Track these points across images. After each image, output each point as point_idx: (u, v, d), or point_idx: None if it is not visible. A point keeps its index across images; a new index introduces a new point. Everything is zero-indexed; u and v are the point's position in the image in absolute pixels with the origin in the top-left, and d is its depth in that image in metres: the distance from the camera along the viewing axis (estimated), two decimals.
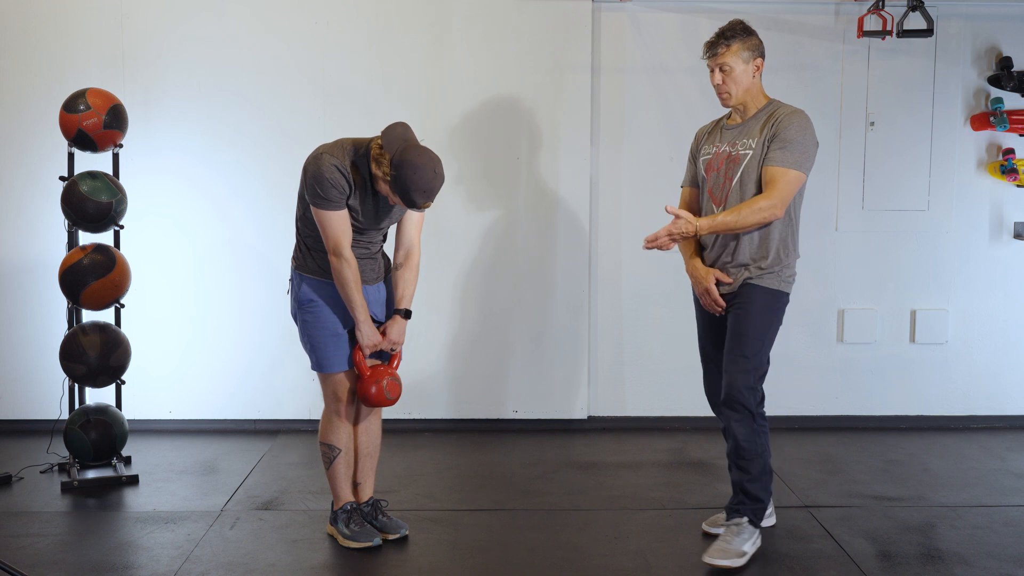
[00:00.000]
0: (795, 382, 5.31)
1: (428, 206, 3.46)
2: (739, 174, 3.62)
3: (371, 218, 3.62)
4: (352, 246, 3.56)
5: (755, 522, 3.64)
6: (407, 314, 3.74)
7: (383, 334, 3.70)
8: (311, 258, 3.66)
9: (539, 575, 3.54)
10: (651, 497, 4.29)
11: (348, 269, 3.52)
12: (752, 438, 3.59)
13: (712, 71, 3.64)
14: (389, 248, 3.83)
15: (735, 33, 3.62)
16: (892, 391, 5.34)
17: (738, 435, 3.59)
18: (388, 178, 3.40)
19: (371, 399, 3.67)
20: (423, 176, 3.35)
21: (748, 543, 3.59)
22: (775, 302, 3.65)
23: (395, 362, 3.78)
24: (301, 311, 3.71)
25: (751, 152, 3.60)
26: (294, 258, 3.74)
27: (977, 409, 5.36)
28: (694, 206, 3.84)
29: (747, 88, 3.64)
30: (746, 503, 3.64)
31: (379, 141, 3.43)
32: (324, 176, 3.44)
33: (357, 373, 3.70)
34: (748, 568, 3.57)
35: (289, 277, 3.79)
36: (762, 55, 3.66)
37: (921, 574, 3.53)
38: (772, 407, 5.26)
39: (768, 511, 3.73)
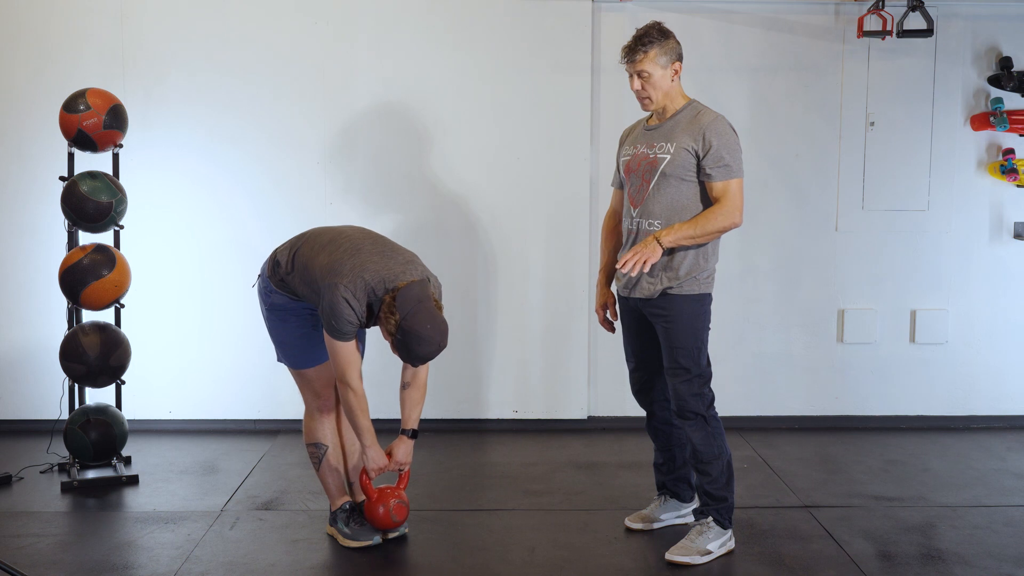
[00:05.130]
0: (795, 382, 5.32)
1: None
2: (656, 178, 3.60)
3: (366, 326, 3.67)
4: None
5: (722, 522, 3.66)
6: (414, 434, 3.72)
7: (389, 455, 3.68)
8: (286, 283, 3.62)
9: (539, 575, 3.55)
10: (651, 497, 4.27)
11: (355, 398, 3.52)
12: (708, 441, 3.62)
13: (631, 77, 3.62)
14: None
15: (652, 38, 3.58)
16: (892, 391, 5.34)
17: (694, 440, 3.63)
18: (391, 337, 3.39)
19: (377, 521, 3.70)
20: (425, 349, 3.37)
21: (714, 543, 3.62)
22: (700, 306, 3.64)
23: (402, 483, 3.78)
24: (269, 313, 3.73)
25: (668, 156, 3.58)
26: (270, 264, 3.70)
27: (977, 409, 5.36)
28: (621, 208, 3.86)
29: (666, 92, 3.63)
30: (710, 504, 3.67)
31: (394, 294, 3.37)
32: (340, 312, 3.41)
33: (364, 495, 3.72)
34: (748, 568, 3.57)
35: (259, 273, 3.78)
36: (680, 58, 3.64)
37: (921, 574, 3.53)
38: (772, 407, 5.31)
39: (728, 536, 3.69)
